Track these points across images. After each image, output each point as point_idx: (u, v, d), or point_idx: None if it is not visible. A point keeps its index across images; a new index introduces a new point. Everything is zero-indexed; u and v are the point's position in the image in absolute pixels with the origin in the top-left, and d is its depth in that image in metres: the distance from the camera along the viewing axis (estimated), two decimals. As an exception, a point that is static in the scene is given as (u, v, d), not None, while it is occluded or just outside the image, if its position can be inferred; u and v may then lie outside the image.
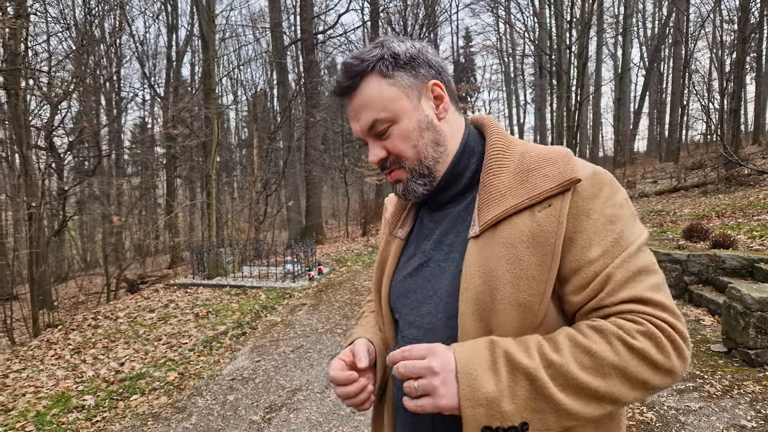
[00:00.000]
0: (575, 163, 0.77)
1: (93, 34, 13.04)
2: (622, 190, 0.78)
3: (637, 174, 18.73)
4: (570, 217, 0.74)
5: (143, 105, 18.09)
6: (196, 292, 6.94)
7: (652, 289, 0.71)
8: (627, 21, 20.05)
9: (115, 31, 14.21)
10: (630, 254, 0.72)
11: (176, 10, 14.98)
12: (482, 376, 0.68)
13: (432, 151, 0.83)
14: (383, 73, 0.80)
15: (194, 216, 16.74)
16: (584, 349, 0.68)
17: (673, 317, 0.70)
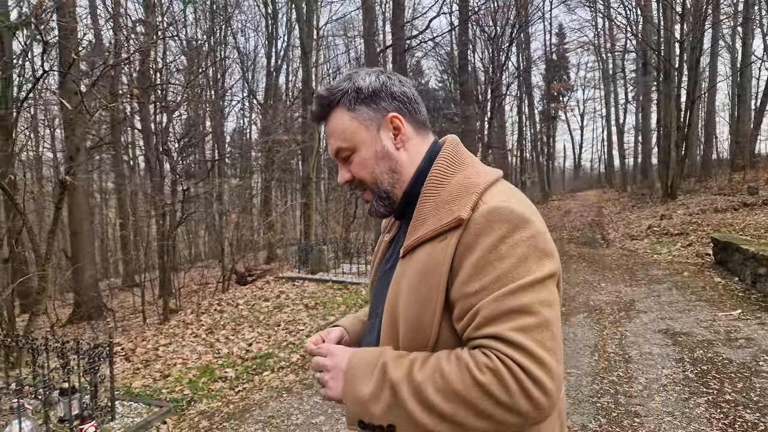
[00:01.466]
0: (482, 197, 0.85)
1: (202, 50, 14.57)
2: (527, 228, 0.81)
3: (759, 179, 17.08)
4: (458, 251, 0.82)
5: (243, 112, 19.76)
6: (302, 285, 7.63)
7: (517, 330, 0.75)
8: (749, 10, 18.40)
9: (220, 44, 15.73)
10: (506, 293, 0.77)
11: (276, 22, 16.26)
12: (361, 379, 0.83)
13: (388, 177, 0.95)
14: (347, 107, 0.93)
15: (286, 215, 17.96)
16: (441, 372, 0.77)
17: (528, 359, 0.73)
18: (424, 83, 23.18)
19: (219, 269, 10.77)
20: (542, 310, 0.78)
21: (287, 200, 16.82)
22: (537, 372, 0.73)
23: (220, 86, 16.22)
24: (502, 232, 0.80)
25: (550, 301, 0.80)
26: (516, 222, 0.81)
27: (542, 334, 0.76)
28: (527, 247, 0.80)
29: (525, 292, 0.77)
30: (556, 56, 26.16)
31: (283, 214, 17.87)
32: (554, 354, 0.76)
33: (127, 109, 11.05)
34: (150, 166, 10.69)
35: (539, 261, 0.80)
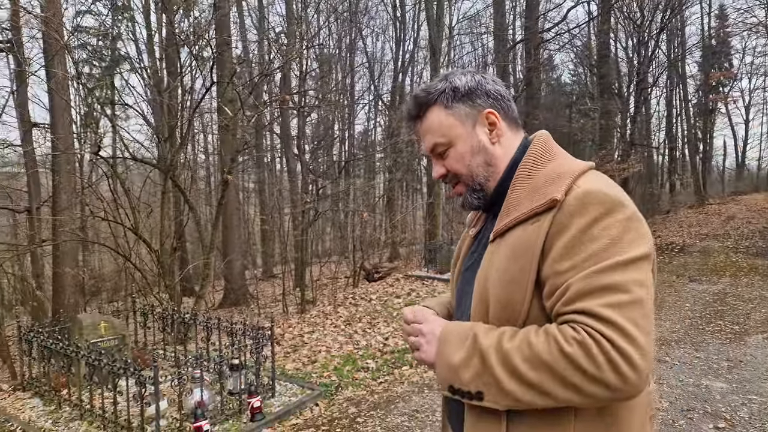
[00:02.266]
0: (575, 181, 0.87)
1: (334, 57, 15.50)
2: (621, 211, 0.84)
3: None
4: (551, 231, 0.85)
5: (369, 114, 20.61)
6: (432, 284, 7.73)
7: (607, 305, 0.77)
8: None
9: (350, 47, 16.56)
10: (597, 270, 0.79)
11: (404, 24, 16.67)
12: (454, 346, 0.89)
13: (483, 170, 1.00)
14: (444, 105, 1.00)
15: (407, 215, 18.32)
16: (529, 343, 0.81)
17: (617, 334, 0.75)
18: (555, 77, 22.02)
19: (345, 265, 11.38)
20: (635, 288, 0.79)
21: (411, 200, 17.14)
22: (626, 347, 0.75)
23: (348, 90, 17.10)
24: (596, 214, 0.83)
25: (643, 281, 0.81)
26: (610, 205, 0.83)
27: (633, 312, 0.77)
28: (621, 229, 0.82)
29: (617, 271, 0.79)
30: (715, 41, 23.05)
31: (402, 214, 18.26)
32: (645, 332, 0.77)
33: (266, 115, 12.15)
34: (289, 167, 11.66)
35: (633, 242, 0.82)
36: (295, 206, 10.67)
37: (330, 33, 15.74)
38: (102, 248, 11.71)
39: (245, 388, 3.83)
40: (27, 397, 4.25)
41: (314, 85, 11.57)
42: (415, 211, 16.45)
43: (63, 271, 7.56)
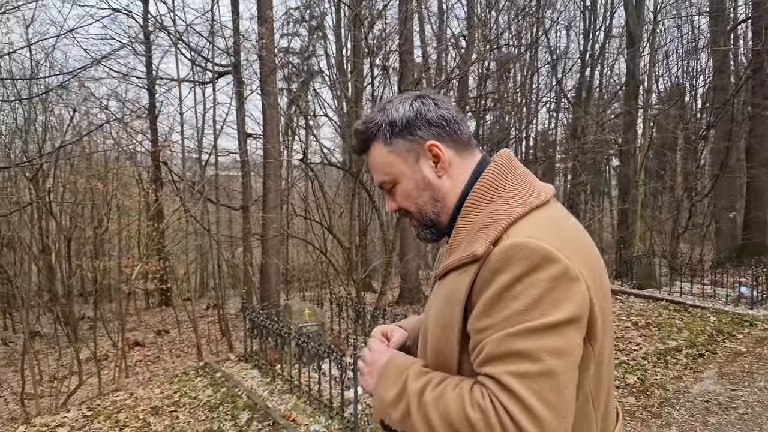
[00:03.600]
0: (507, 230, 0.83)
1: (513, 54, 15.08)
2: (549, 268, 0.78)
3: None
4: (476, 284, 0.83)
5: (549, 113, 19.62)
6: (627, 300, 7.00)
7: (512, 374, 0.75)
8: None
9: (532, 43, 15.94)
10: (510, 334, 0.77)
11: (595, 14, 15.44)
12: (389, 383, 0.92)
13: (431, 206, 0.97)
14: (383, 140, 0.97)
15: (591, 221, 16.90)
16: (445, 399, 0.83)
17: (518, 408, 0.73)
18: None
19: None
20: (547, 358, 0.75)
21: (597, 205, 15.81)
22: (525, 423, 0.72)
23: (528, 88, 16.50)
24: (519, 271, 0.78)
25: (561, 350, 0.76)
26: (537, 261, 0.78)
27: (541, 384, 0.74)
28: (545, 289, 0.77)
29: (532, 336, 0.76)
30: None
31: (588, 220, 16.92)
32: (551, 407, 0.74)
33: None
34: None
35: (556, 304, 0.76)
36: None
37: (510, 31, 15.42)
38: (296, 242, 13.35)
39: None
40: (249, 368, 5.05)
41: (494, 87, 11.46)
42: (602, 218, 15.13)
43: (270, 261, 8.83)
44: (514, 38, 16.36)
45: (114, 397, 4.67)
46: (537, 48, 16.23)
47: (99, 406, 4.44)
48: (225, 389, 4.53)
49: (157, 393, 4.69)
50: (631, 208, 9.32)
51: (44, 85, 11.71)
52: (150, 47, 14.86)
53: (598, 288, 0.85)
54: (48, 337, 11.53)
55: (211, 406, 4.24)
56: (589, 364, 0.85)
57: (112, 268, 10.82)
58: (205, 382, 4.79)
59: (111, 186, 10.87)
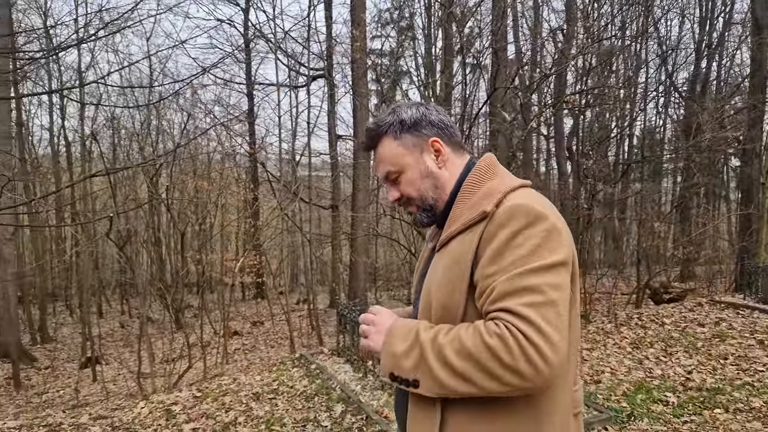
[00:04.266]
0: (506, 196, 1.05)
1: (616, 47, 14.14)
2: (543, 223, 0.99)
3: None
4: (482, 239, 1.02)
5: (657, 109, 18.18)
6: (750, 316, 6.32)
7: (525, 304, 0.92)
8: None
9: (640, 34, 14.86)
10: (518, 274, 0.94)
11: (712, 1, 14.09)
12: (398, 339, 1.06)
13: (432, 192, 1.19)
14: (393, 136, 1.18)
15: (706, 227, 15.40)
16: (459, 337, 0.97)
17: (532, 330, 0.89)
18: None
19: (620, 280, 10.28)
20: (549, 291, 0.93)
21: (713, 209, 14.42)
22: (539, 341, 0.89)
23: (633, 83, 15.43)
24: (520, 224, 0.98)
25: (558, 285, 0.95)
26: (533, 217, 0.99)
27: (547, 311, 0.92)
28: (541, 238, 0.97)
29: (535, 275, 0.94)
30: None
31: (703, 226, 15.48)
32: (557, 329, 0.91)
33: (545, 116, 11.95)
34: (560, 169, 11.26)
35: (552, 250, 0.96)
36: (563, 211, 10.24)
37: (614, 23, 14.53)
38: (383, 241, 13.57)
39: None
40: (341, 362, 5.23)
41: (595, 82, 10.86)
42: (719, 224, 13.77)
43: (358, 259, 9.08)
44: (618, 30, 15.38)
45: (219, 381, 5.06)
46: (645, 39, 15.13)
47: (207, 388, 4.84)
48: (320, 381, 4.73)
49: (258, 380, 5.01)
50: (756, 214, 8.37)
51: (158, 93, 12.94)
52: (249, 54, 15.91)
53: (573, 249, 1.06)
54: (158, 322, 12.75)
55: (307, 396, 4.45)
56: (573, 305, 1.05)
57: (215, 262, 11.72)
58: (301, 373, 5.03)
59: (215, 185, 11.78)
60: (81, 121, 13.52)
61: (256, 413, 4.19)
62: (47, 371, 10.06)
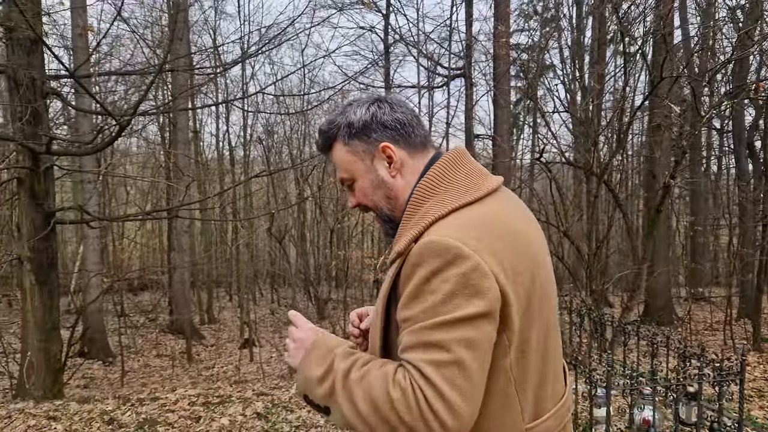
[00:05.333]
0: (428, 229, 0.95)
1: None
2: (461, 264, 0.88)
3: None
4: (401, 278, 0.95)
5: None
6: None
7: (428, 362, 0.87)
8: None
9: None
10: (426, 326, 0.88)
11: None
12: (316, 360, 1.01)
13: (385, 203, 1.11)
14: (343, 141, 1.10)
15: None
16: (369, 378, 0.92)
17: (432, 392, 0.85)
18: None
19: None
20: (457, 348, 0.86)
21: None
22: (437, 405, 0.84)
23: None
24: (434, 266, 0.89)
25: (470, 341, 0.86)
26: (449, 258, 0.88)
27: (452, 372, 0.85)
28: (456, 284, 0.87)
29: (444, 329, 0.86)
30: None
31: None
32: (461, 392, 0.85)
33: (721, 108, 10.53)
34: (739, 168, 9.82)
35: (468, 299, 0.87)
36: (743, 216, 8.91)
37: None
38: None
39: (699, 422, 3.44)
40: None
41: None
42: None
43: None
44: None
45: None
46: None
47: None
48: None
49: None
50: None
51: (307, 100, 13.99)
52: (388, 58, 16.49)
53: (521, 281, 0.93)
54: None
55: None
56: (508, 352, 0.94)
57: (354, 258, 12.38)
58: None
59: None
60: (243, 128, 15.19)
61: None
62: (212, 348, 11.53)
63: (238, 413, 4.26)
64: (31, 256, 5.56)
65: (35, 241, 5.50)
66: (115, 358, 9.46)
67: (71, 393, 6.81)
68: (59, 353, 5.94)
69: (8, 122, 8.32)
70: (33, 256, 5.56)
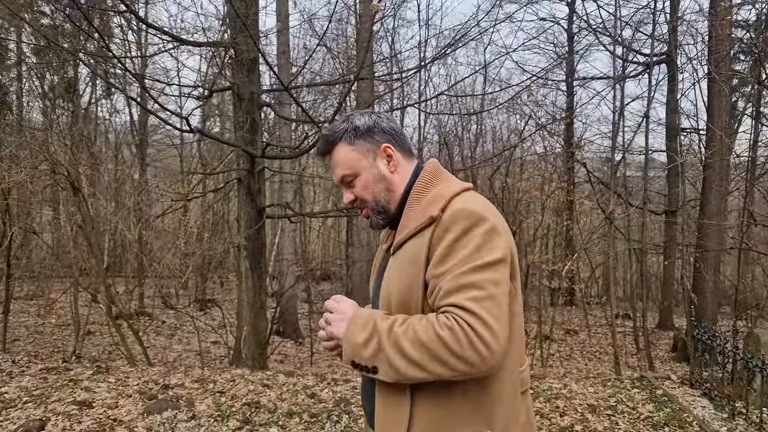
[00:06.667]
0: (450, 201, 1.18)
1: None
2: (483, 225, 1.12)
3: None
4: (432, 242, 1.15)
5: None
6: None
7: (470, 299, 1.06)
8: None
9: None
10: (463, 272, 1.08)
11: None
12: (358, 328, 1.17)
13: (384, 195, 1.31)
14: (348, 141, 1.30)
15: None
16: (413, 327, 1.10)
17: (477, 321, 1.04)
18: None
19: None
20: (490, 286, 1.07)
21: None
22: (483, 331, 1.03)
23: None
24: (463, 227, 1.12)
25: (497, 280, 1.09)
26: (475, 219, 1.13)
27: (489, 304, 1.06)
28: (482, 239, 1.11)
29: (477, 272, 1.08)
30: None
31: None
32: (498, 319, 1.05)
33: None
34: None
35: (491, 249, 1.10)
36: None
37: None
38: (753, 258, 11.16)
39: None
40: (696, 395, 4.53)
41: None
42: None
43: (707, 276, 7.69)
44: None
45: (549, 383, 5.07)
46: None
47: (537, 387, 4.91)
48: (669, 410, 4.20)
49: (591, 391, 4.80)
50: None
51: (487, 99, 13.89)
52: (571, 49, 15.49)
53: (513, 246, 1.20)
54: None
55: (654, 423, 4.01)
56: (515, 297, 1.20)
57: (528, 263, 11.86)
58: (644, 396, 4.57)
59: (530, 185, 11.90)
60: (419, 131, 15.71)
61: (593, 426, 4.02)
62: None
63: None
64: (247, 245, 6.48)
65: (250, 232, 6.41)
66: (304, 339, 10.56)
67: (271, 366, 7.80)
68: (265, 330, 6.85)
69: (231, 131, 9.91)
70: (248, 245, 6.48)
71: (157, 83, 9.92)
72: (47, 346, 7.94)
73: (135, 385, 4.46)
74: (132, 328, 6.70)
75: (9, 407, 3.87)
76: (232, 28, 6.56)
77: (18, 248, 8.58)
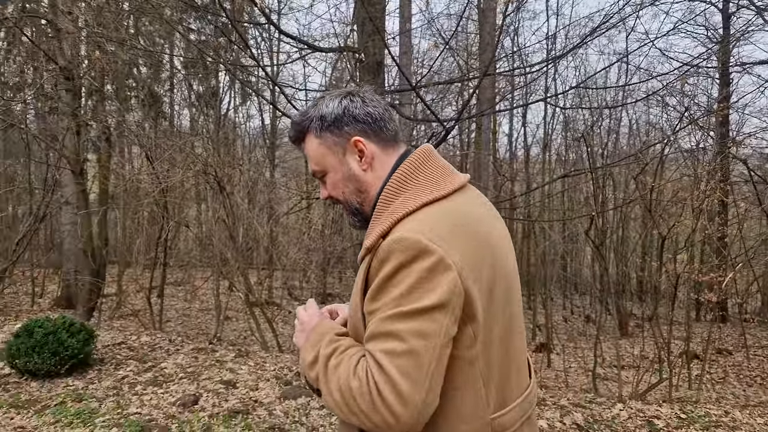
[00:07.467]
0: (395, 226, 1.00)
1: None
2: (424, 260, 0.93)
3: None
4: (370, 273, 1.01)
5: None
6: None
7: (384, 351, 0.92)
8: None
9: None
10: (387, 316, 0.94)
11: None
12: (309, 346, 1.09)
13: (355, 197, 1.15)
14: (315, 133, 1.13)
15: None
16: (344, 364, 0.99)
17: (384, 380, 0.91)
18: None
19: None
20: (411, 339, 0.91)
21: None
22: (387, 393, 0.90)
23: None
24: (400, 260, 0.94)
25: (424, 332, 0.91)
26: (414, 252, 0.94)
27: (404, 361, 0.90)
28: (418, 278, 0.93)
29: (401, 320, 0.92)
30: None
31: None
32: (412, 381, 0.90)
33: None
34: None
35: (427, 292, 0.92)
36: None
37: None
38: None
39: None
40: None
41: None
42: None
43: None
44: None
45: (706, 409, 4.50)
46: None
47: (692, 412, 4.38)
48: None
49: (760, 422, 4.18)
50: None
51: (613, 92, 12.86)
52: (727, 31, 13.76)
53: (486, 276, 1.00)
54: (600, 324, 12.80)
55: None
56: (474, 343, 1.00)
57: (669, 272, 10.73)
58: (832, 434, 3.87)
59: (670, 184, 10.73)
60: (544, 126, 15.00)
61: (766, 464, 3.47)
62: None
63: (556, 419, 4.14)
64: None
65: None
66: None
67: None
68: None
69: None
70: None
71: (288, 88, 10.60)
72: (194, 328, 8.88)
73: (272, 370, 4.77)
74: (266, 315, 7.22)
75: (168, 381, 4.36)
76: (361, 32, 6.76)
77: (171, 240, 9.69)
